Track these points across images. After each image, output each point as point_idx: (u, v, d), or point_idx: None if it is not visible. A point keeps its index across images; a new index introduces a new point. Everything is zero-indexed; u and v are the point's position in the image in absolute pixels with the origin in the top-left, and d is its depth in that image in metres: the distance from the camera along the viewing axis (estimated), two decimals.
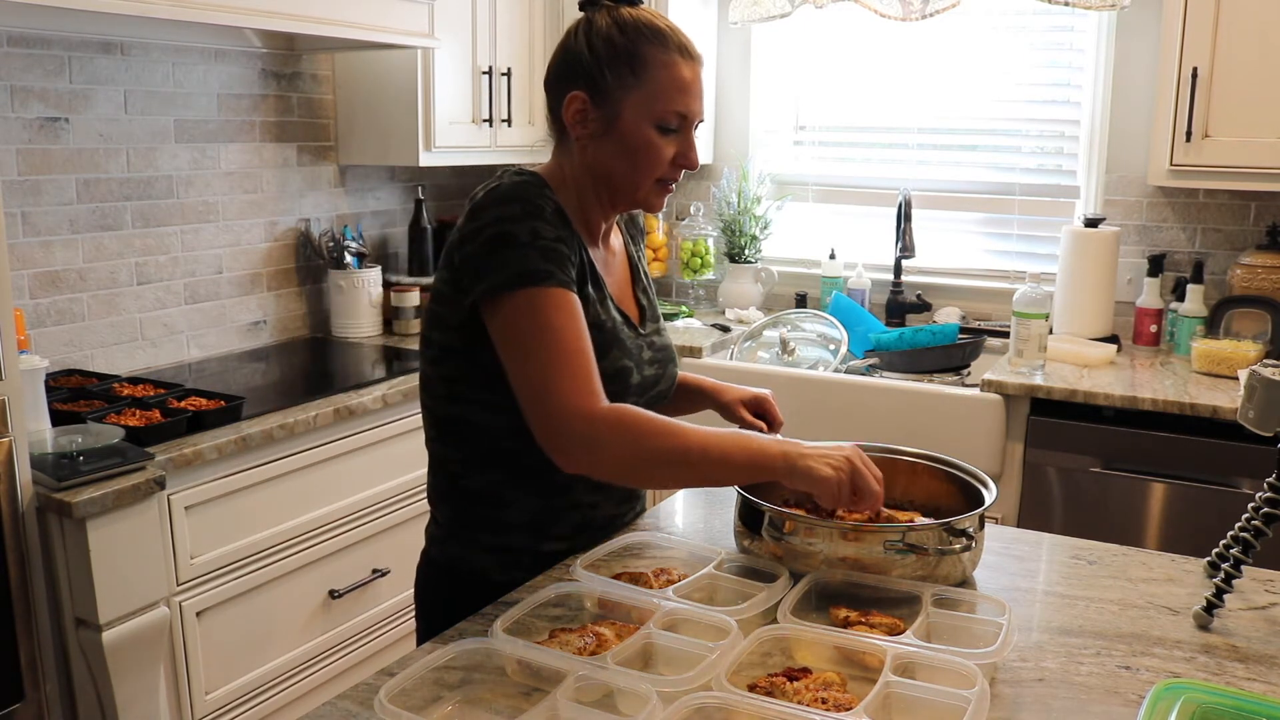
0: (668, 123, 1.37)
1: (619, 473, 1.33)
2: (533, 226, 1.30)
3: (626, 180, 1.39)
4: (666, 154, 1.38)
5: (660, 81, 1.35)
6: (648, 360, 1.47)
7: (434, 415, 1.44)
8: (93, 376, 2.38)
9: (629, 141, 1.36)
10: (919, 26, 3.13)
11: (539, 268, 1.28)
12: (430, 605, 1.51)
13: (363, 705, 1.07)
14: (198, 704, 2.13)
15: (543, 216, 1.31)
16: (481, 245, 1.30)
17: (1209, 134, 2.64)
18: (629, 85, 1.35)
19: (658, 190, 1.42)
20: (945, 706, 1.02)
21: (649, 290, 1.57)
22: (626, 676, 1.05)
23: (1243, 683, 1.15)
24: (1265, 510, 1.29)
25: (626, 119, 1.36)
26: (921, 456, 1.55)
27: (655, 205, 1.44)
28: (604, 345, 1.37)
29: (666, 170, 1.40)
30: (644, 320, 1.52)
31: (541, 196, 1.33)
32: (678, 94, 1.36)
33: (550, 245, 1.30)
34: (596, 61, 1.35)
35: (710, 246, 3.55)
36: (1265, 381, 1.25)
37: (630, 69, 1.34)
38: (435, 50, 2.83)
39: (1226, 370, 2.64)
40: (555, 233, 1.31)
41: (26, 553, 1.80)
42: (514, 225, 1.29)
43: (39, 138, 2.35)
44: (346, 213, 3.17)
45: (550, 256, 1.29)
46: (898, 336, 2.96)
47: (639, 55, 1.34)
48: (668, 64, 1.35)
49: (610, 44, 1.35)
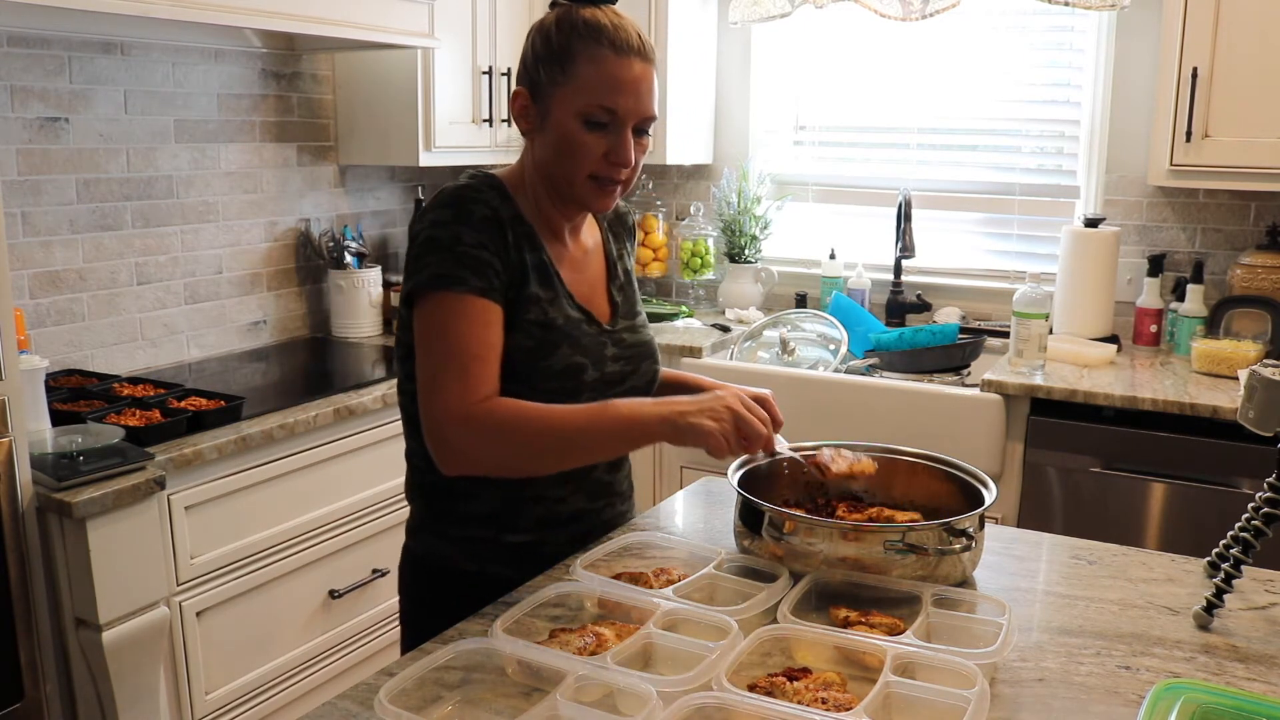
0: (594, 117, 1.35)
1: (500, 470, 1.37)
2: (456, 232, 1.33)
3: (560, 177, 1.40)
4: (594, 150, 1.36)
5: (586, 77, 1.35)
6: (611, 357, 1.47)
7: (405, 412, 1.48)
8: (93, 376, 2.38)
9: (558, 137, 1.37)
10: (919, 26, 3.13)
11: (450, 273, 1.31)
12: (409, 594, 1.55)
13: (363, 705, 1.07)
14: (198, 704, 2.13)
15: (469, 222, 1.34)
16: (415, 247, 1.35)
17: (1209, 134, 2.64)
18: (559, 81, 1.36)
19: (593, 188, 1.39)
20: (945, 706, 1.02)
21: (628, 288, 1.57)
22: (626, 676, 1.05)
23: (1243, 683, 1.15)
24: (1265, 510, 1.29)
25: (555, 115, 1.37)
26: (921, 456, 1.55)
27: (594, 204, 1.42)
28: (552, 342, 1.39)
29: (598, 166, 1.37)
30: (615, 316, 1.52)
31: (478, 201, 1.36)
32: (604, 89, 1.34)
33: (469, 251, 1.32)
34: (535, 59, 1.39)
35: (710, 246, 3.55)
36: (1265, 381, 1.25)
37: (559, 65, 1.36)
38: (435, 50, 2.83)
39: (1226, 370, 2.64)
40: (478, 239, 1.33)
41: (26, 553, 1.80)
42: (440, 230, 1.33)
43: (39, 138, 2.35)
44: (346, 213, 3.17)
45: (465, 262, 1.32)
46: (898, 336, 2.96)
47: (569, 51, 1.36)
48: (596, 59, 1.35)
49: (546, 41, 1.38)
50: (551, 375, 1.38)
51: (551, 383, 1.38)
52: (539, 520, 1.47)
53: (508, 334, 1.36)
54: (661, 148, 3.31)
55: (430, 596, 1.49)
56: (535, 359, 1.38)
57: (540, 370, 1.38)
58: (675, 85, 3.32)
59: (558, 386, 1.38)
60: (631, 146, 1.38)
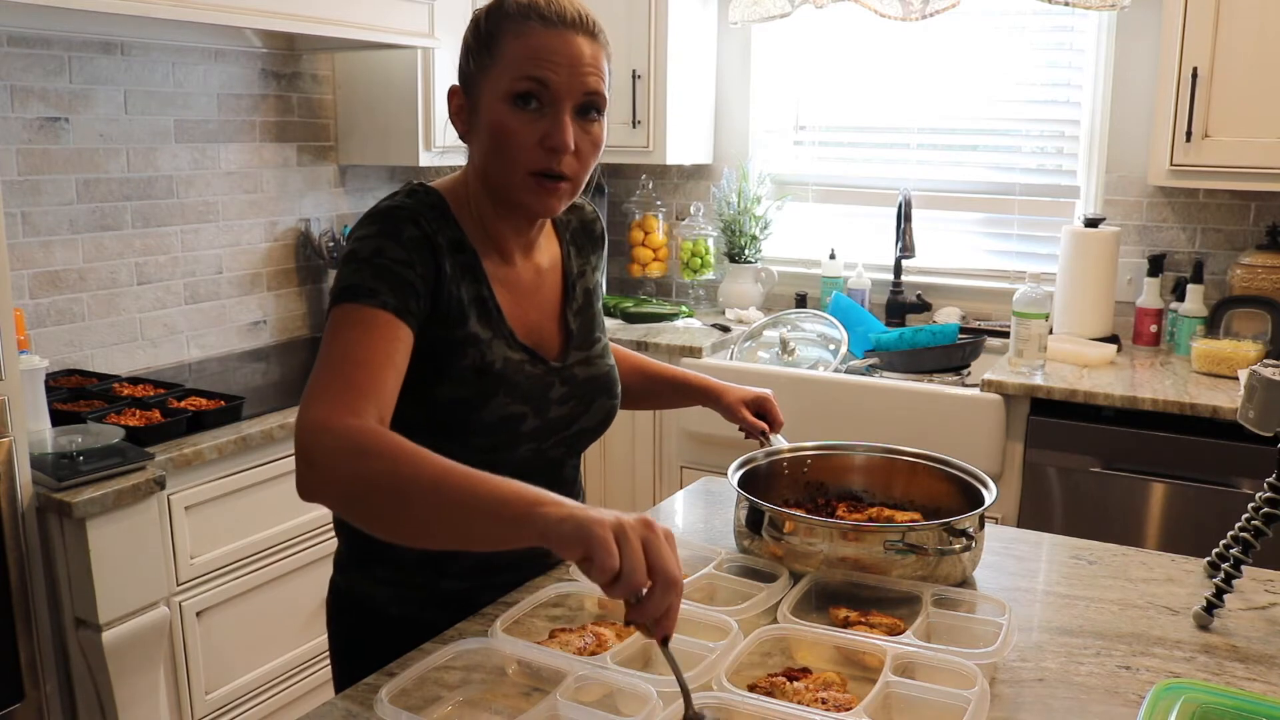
0: (518, 91, 1.19)
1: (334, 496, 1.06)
2: (378, 245, 1.18)
3: (497, 175, 1.24)
4: (527, 135, 1.19)
5: (510, 51, 1.19)
6: (557, 399, 1.32)
7: None
8: (93, 376, 2.38)
9: (489, 127, 1.22)
10: (919, 26, 3.13)
11: (361, 284, 1.15)
12: (336, 632, 1.41)
13: (363, 705, 1.07)
14: (198, 704, 2.13)
15: (397, 238, 1.19)
16: (340, 260, 1.24)
17: (1209, 134, 2.64)
18: (485, 65, 1.22)
19: (533, 185, 1.22)
20: (945, 706, 1.02)
21: (585, 312, 1.40)
22: (626, 676, 1.05)
23: (1242, 683, 1.15)
24: (1265, 510, 1.29)
25: (484, 103, 1.22)
26: (921, 456, 1.55)
27: (536, 205, 1.24)
28: (487, 390, 1.24)
29: (534, 157, 1.20)
30: (567, 349, 1.35)
31: (410, 221, 1.21)
32: (529, 61, 1.18)
33: (388, 265, 1.16)
34: (465, 52, 1.26)
35: (710, 246, 3.55)
36: (1265, 381, 1.25)
37: (486, 48, 1.22)
38: (435, 50, 2.83)
39: (1226, 370, 2.64)
40: (404, 256, 1.18)
41: (26, 553, 1.80)
42: (362, 244, 1.19)
43: (39, 138, 2.35)
44: (346, 212, 3.17)
45: (382, 275, 1.16)
46: (898, 336, 2.96)
47: (495, 32, 1.22)
48: (520, 32, 1.20)
49: (476, 29, 1.25)
50: (485, 429, 1.24)
51: (484, 438, 1.25)
52: (475, 566, 1.33)
53: (439, 383, 1.22)
54: (661, 148, 3.31)
55: (358, 637, 1.36)
56: (469, 411, 1.24)
57: (473, 424, 1.24)
58: (675, 85, 3.32)
59: (491, 442, 1.25)
60: (569, 128, 1.20)
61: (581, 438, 1.38)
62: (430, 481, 0.99)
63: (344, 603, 1.39)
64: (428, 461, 1.01)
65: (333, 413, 1.06)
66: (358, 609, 1.37)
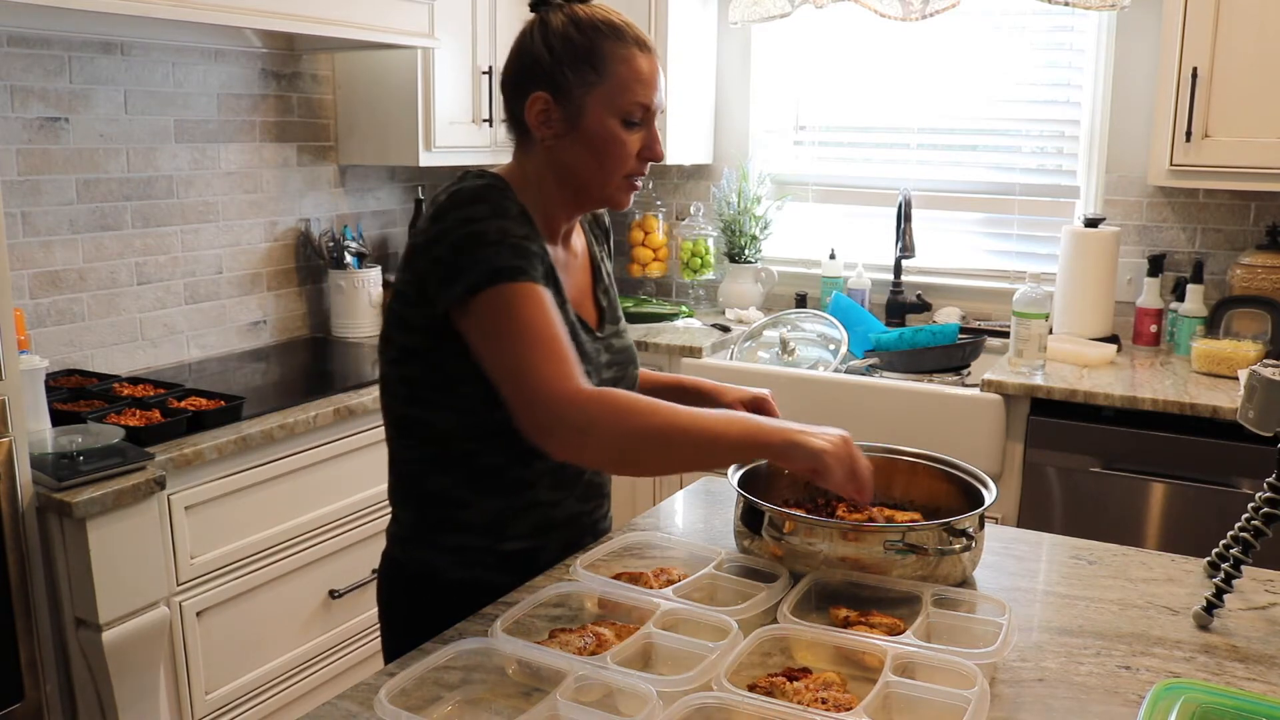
0: (631, 116, 1.37)
1: (609, 455, 1.28)
2: (501, 225, 1.30)
3: (594, 178, 1.39)
4: (632, 148, 1.38)
5: (621, 75, 1.35)
6: (605, 364, 1.46)
7: (393, 415, 1.44)
8: (93, 376, 2.38)
9: (595, 138, 1.36)
10: (919, 26, 3.13)
11: (510, 264, 1.27)
12: (393, 605, 1.50)
13: (363, 705, 1.07)
14: (198, 704, 2.13)
15: (509, 216, 1.31)
16: (449, 248, 1.29)
17: (1209, 134, 2.64)
18: (591, 82, 1.35)
19: (625, 186, 1.41)
20: (945, 706, 1.02)
21: (610, 291, 1.56)
22: (626, 676, 1.05)
23: (1242, 683, 1.15)
24: (1265, 510, 1.29)
25: (590, 116, 1.36)
26: (921, 456, 1.55)
27: (622, 202, 1.43)
28: None
29: (633, 165, 1.39)
30: (603, 322, 1.50)
31: (506, 198, 1.34)
32: (639, 86, 1.36)
33: (519, 243, 1.30)
34: (556, 61, 1.36)
35: (710, 246, 3.55)
36: (1265, 381, 1.25)
37: (591, 65, 1.35)
38: (435, 50, 2.83)
39: (1226, 370, 2.64)
40: (523, 231, 1.32)
41: (27, 553, 1.80)
42: (482, 225, 1.29)
43: (39, 138, 2.35)
44: (346, 212, 3.17)
45: (520, 253, 1.29)
46: (898, 336, 2.96)
47: (598, 51, 1.35)
48: (627, 58, 1.36)
49: (569, 42, 1.36)
50: None
51: None
52: (536, 526, 1.44)
53: None
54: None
55: (416, 609, 1.43)
56: None
57: None
58: (675, 85, 3.32)
59: None
60: (660, 141, 1.41)
61: None
62: (683, 427, 1.25)
63: (404, 576, 1.47)
64: (670, 410, 1.25)
65: (569, 383, 1.24)
66: (420, 581, 1.44)
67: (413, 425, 1.41)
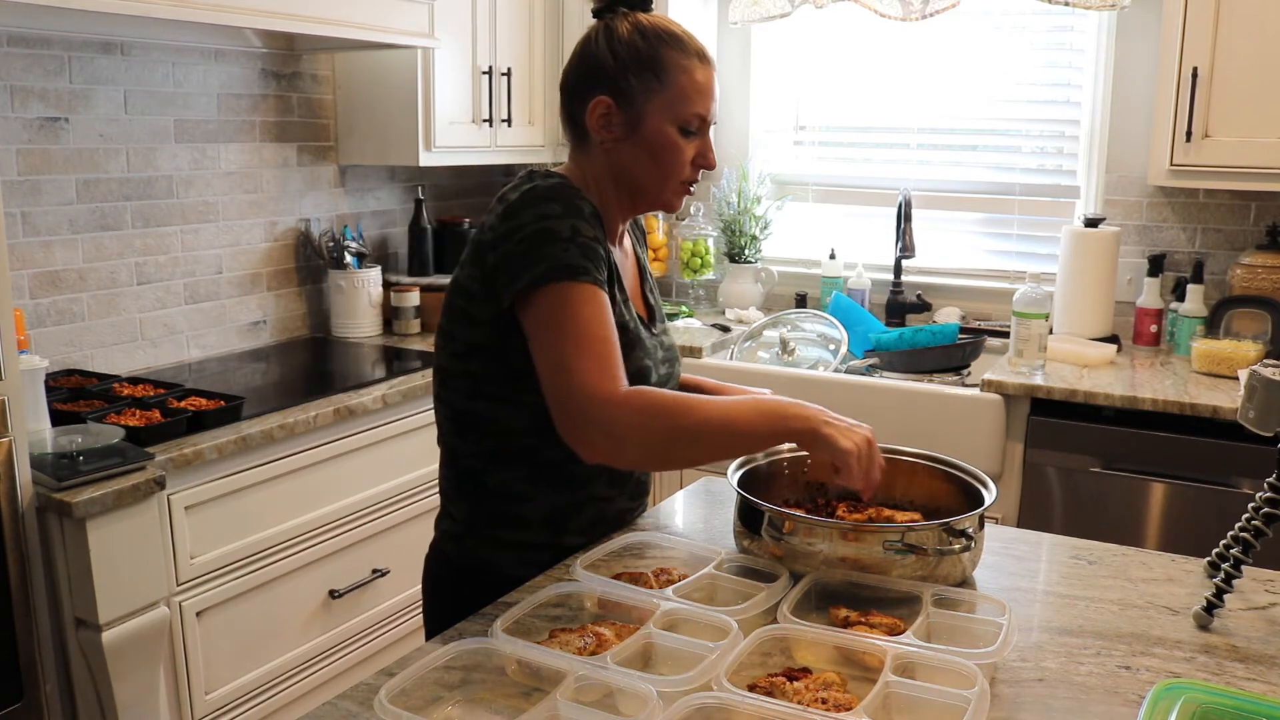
0: (689, 125, 1.41)
1: (643, 456, 1.34)
2: (574, 224, 1.33)
3: (651, 182, 1.44)
4: (688, 155, 1.43)
5: (682, 85, 1.40)
6: (661, 360, 1.51)
7: (453, 410, 1.45)
8: (93, 376, 2.38)
9: (653, 144, 1.41)
10: (919, 26, 3.13)
11: (575, 263, 1.31)
12: (442, 601, 1.51)
13: (363, 705, 1.07)
14: (198, 704, 2.13)
15: (582, 216, 1.35)
16: (520, 243, 1.32)
17: (1209, 134, 2.64)
18: (653, 89, 1.39)
19: (680, 191, 1.46)
20: (945, 706, 1.02)
21: (655, 290, 1.61)
22: (626, 676, 1.05)
23: (1242, 683, 1.15)
24: (1265, 510, 1.29)
25: (651, 122, 1.40)
26: (921, 456, 1.55)
27: (676, 205, 1.49)
28: (628, 345, 1.40)
29: (688, 171, 1.44)
30: (653, 320, 1.56)
31: (580, 197, 1.38)
32: (698, 97, 1.41)
33: (589, 243, 1.34)
34: (620, 67, 1.40)
35: (710, 246, 3.55)
36: (1265, 381, 1.25)
37: (654, 74, 1.39)
38: (435, 50, 2.83)
39: (1226, 370, 2.64)
40: (594, 232, 1.36)
41: (26, 553, 1.80)
42: (555, 223, 1.33)
43: (39, 138, 2.35)
44: (346, 213, 3.17)
45: (588, 254, 1.33)
46: (898, 336, 2.97)
47: (661, 60, 1.39)
48: (688, 68, 1.40)
49: (634, 49, 1.40)
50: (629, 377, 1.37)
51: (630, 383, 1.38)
52: (591, 522, 1.48)
53: None
54: None
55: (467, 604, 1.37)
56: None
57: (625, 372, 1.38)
58: None
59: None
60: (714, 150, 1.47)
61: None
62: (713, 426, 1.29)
63: (454, 570, 1.49)
64: (701, 409, 1.29)
65: (604, 386, 1.27)
66: (472, 575, 1.47)
67: (475, 420, 1.43)
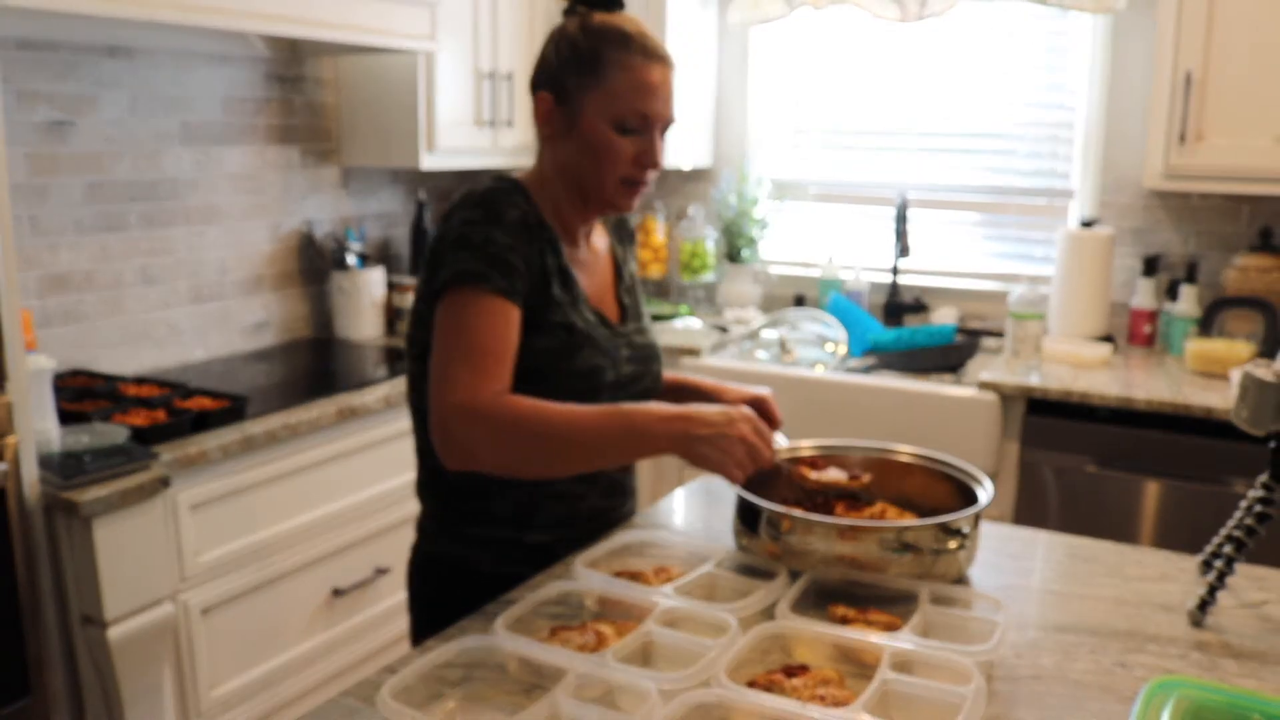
0: (626, 122, 1.40)
1: (498, 468, 1.33)
2: (487, 232, 1.35)
3: (591, 180, 1.43)
4: (626, 153, 1.41)
5: (619, 83, 1.39)
6: (626, 358, 1.50)
7: (420, 410, 1.47)
8: (99, 377, 2.40)
9: (589, 141, 1.41)
10: (916, 29, 3.14)
11: (477, 269, 1.33)
12: (423, 598, 1.54)
13: (365, 701, 1.09)
14: (203, 700, 2.14)
15: (501, 223, 1.36)
16: (444, 245, 1.36)
17: (1203, 137, 2.66)
18: (588, 86, 1.40)
19: (624, 190, 1.44)
20: (942, 703, 1.03)
21: (634, 291, 1.61)
22: (627, 673, 1.07)
23: (1235, 679, 1.17)
24: (1257, 509, 1.30)
25: (586, 119, 1.41)
26: (918, 456, 1.56)
27: (623, 205, 1.47)
28: (573, 346, 1.42)
29: (629, 169, 1.42)
30: (625, 319, 1.55)
31: (508, 204, 1.39)
32: (636, 95, 1.39)
33: (498, 253, 1.34)
34: (561, 64, 1.41)
35: (709, 247, 3.56)
36: (1258, 382, 1.27)
37: (590, 70, 1.39)
38: (437, 53, 2.85)
39: (1220, 370, 2.66)
40: (508, 241, 1.36)
41: (33, 550, 1.81)
42: (471, 229, 1.35)
43: (46, 140, 2.36)
44: (349, 214, 3.18)
45: (495, 263, 1.34)
46: (895, 337, 2.98)
47: (599, 57, 1.39)
48: (627, 66, 1.39)
49: (574, 47, 1.41)
50: (574, 376, 1.41)
51: (574, 382, 1.41)
52: (558, 519, 1.49)
53: (533, 335, 1.38)
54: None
55: (445, 599, 1.46)
56: (559, 360, 1.40)
57: (563, 371, 1.40)
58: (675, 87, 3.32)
59: (579, 387, 1.41)
60: (660, 150, 1.44)
61: (644, 397, 1.54)
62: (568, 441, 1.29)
63: (431, 566, 1.53)
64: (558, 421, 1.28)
65: (471, 395, 1.28)
66: (446, 570, 1.50)
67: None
